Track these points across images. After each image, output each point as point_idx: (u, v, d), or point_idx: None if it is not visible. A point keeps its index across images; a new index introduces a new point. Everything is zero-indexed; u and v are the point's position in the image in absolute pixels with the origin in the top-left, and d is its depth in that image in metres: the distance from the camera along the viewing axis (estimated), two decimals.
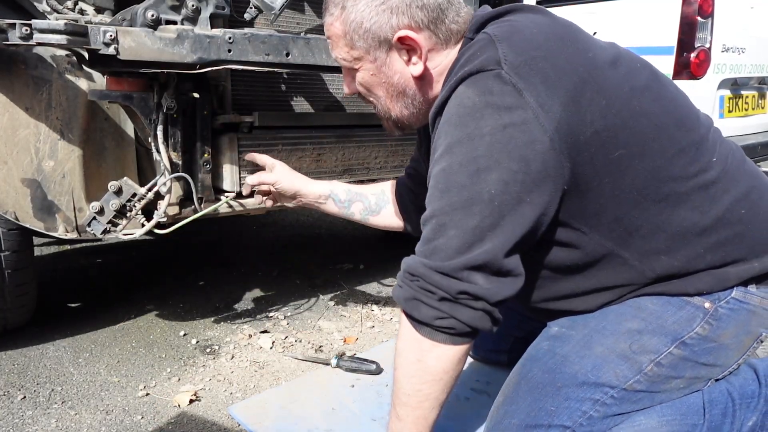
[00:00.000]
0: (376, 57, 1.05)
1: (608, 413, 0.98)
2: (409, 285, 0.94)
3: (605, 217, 0.99)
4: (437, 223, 0.93)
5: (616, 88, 0.96)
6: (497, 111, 0.90)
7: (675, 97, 1.05)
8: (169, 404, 1.53)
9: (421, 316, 0.94)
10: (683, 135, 1.00)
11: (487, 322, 0.94)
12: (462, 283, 0.90)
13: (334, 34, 1.07)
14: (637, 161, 0.97)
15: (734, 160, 1.06)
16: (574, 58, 0.95)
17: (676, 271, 1.02)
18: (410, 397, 0.97)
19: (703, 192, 1.00)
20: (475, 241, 0.90)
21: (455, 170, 0.92)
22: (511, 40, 0.94)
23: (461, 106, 0.93)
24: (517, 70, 0.90)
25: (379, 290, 2.42)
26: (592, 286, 1.07)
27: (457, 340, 0.94)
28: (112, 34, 1.30)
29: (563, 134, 0.91)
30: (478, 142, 0.90)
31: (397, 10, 1.00)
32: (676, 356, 1.00)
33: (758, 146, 3.22)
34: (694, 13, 2.87)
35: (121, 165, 1.67)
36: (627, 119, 0.96)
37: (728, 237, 1.01)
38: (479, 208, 0.90)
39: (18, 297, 1.78)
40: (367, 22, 1.01)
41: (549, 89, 0.90)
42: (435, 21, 1.02)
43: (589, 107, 0.93)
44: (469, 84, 0.93)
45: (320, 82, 1.91)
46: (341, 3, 1.04)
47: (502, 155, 0.89)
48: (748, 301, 1.03)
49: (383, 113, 1.16)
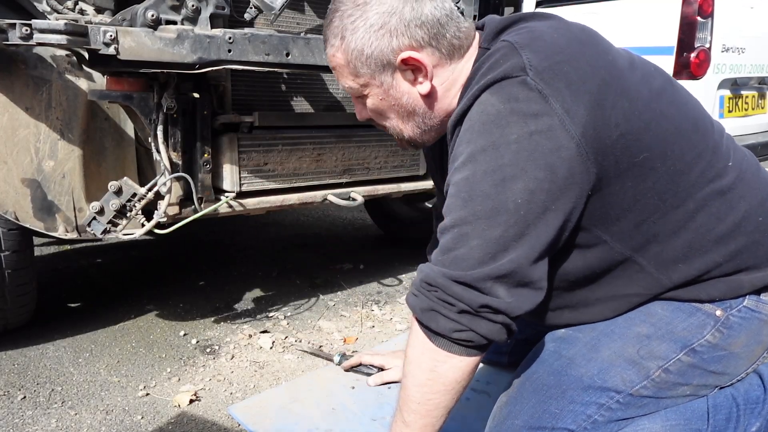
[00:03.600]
0: (382, 81, 1.04)
1: (613, 418, 0.98)
2: (426, 295, 0.92)
3: (625, 223, 0.98)
4: (459, 233, 0.90)
5: (636, 91, 0.95)
6: (523, 118, 0.88)
7: (688, 102, 1.04)
8: (169, 404, 1.53)
9: (438, 328, 0.91)
10: (699, 139, 1.00)
11: (504, 335, 0.92)
12: (484, 296, 0.88)
13: (337, 64, 1.06)
14: (659, 164, 0.96)
15: (749, 167, 1.05)
16: (595, 61, 0.93)
17: (693, 279, 1.01)
18: (420, 405, 0.96)
19: (720, 198, 0.99)
20: (498, 251, 0.88)
21: (479, 179, 0.89)
22: (533, 46, 0.92)
23: (485, 113, 0.91)
24: (542, 76, 0.89)
25: (379, 290, 2.42)
26: (606, 295, 1.05)
27: (472, 352, 0.92)
28: (112, 34, 1.30)
29: (590, 138, 0.90)
30: (504, 150, 0.88)
31: (396, 32, 0.99)
32: (685, 363, 0.99)
33: (758, 146, 3.21)
34: (694, 13, 2.86)
35: (121, 165, 1.67)
36: (649, 121, 0.95)
37: (745, 245, 1.00)
38: (504, 218, 0.88)
39: (18, 297, 1.78)
40: (368, 48, 1.00)
41: (573, 94, 0.89)
42: (436, 37, 1.00)
43: (613, 110, 0.91)
44: (493, 91, 0.91)
45: (320, 82, 1.91)
46: (340, 33, 1.02)
47: (528, 163, 0.87)
48: (761, 311, 1.01)
49: (397, 135, 1.15)
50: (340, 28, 1.02)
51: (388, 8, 0.98)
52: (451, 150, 1.00)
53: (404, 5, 0.98)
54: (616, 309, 1.06)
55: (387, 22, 0.98)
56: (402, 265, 2.71)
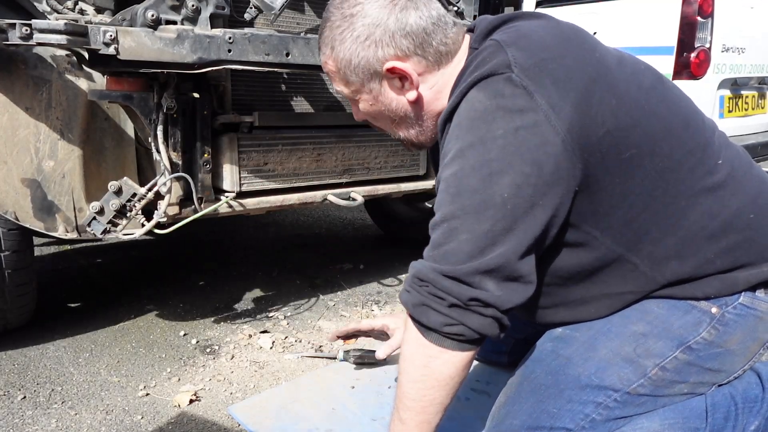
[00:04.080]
0: (371, 88, 1.07)
1: (611, 416, 0.98)
2: (418, 290, 0.93)
3: (615, 220, 0.99)
4: (448, 228, 0.92)
5: (624, 88, 0.96)
6: (509, 114, 0.89)
7: (679, 100, 1.04)
8: (169, 404, 1.53)
9: (429, 322, 0.92)
10: (690, 137, 1.00)
11: (496, 329, 0.93)
12: (473, 290, 0.89)
13: (329, 71, 1.10)
14: (648, 162, 0.96)
15: (741, 164, 1.05)
16: (582, 59, 0.95)
17: (686, 276, 1.01)
18: (415, 402, 0.97)
19: (711, 195, 0.99)
20: (487, 245, 0.89)
21: (467, 174, 0.91)
22: (519, 44, 0.94)
23: (472, 109, 0.93)
24: (527, 73, 0.90)
25: (379, 290, 2.42)
26: (601, 293, 1.06)
27: (464, 347, 0.93)
28: (112, 34, 1.30)
29: (575, 135, 0.90)
30: (491, 146, 0.90)
31: (381, 43, 1.01)
32: (681, 361, 1.00)
33: (758, 146, 3.22)
34: (694, 13, 2.87)
35: (121, 165, 1.67)
36: (638, 119, 0.95)
37: (738, 242, 1.00)
38: (492, 213, 0.89)
39: (18, 297, 1.78)
40: (355, 58, 1.03)
41: (560, 90, 0.90)
42: (422, 45, 1.02)
43: (600, 107, 0.92)
44: (479, 88, 0.93)
45: (320, 82, 1.91)
46: (330, 43, 1.05)
47: (514, 158, 0.89)
48: (756, 307, 1.02)
49: (394, 136, 1.18)
50: (330, 38, 1.05)
51: (373, 20, 1.00)
52: (442, 147, 1.02)
53: (389, 16, 1.00)
54: (611, 306, 1.07)
55: (372, 33, 1.01)
56: (402, 265, 2.71)
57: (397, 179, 2.12)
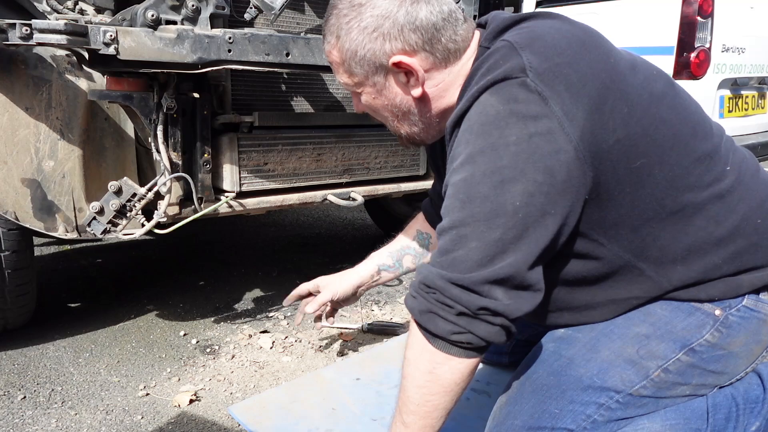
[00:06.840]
0: (375, 82, 1.05)
1: (612, 417, 0.98)
2: (425, 297, 0.92)
3: (623, 228, 0.98)
4: (457, 235, 0.90)
5: (636, 95, 0.94)
6: (522, 120, 0.88)
7: (689, 106, 1.03)
8: (169, 404, 1.53)
9: (437, 330, 0.91)
10: (698, 144, 0.99)
11: (503, 337, 0.92)
12: (482, 299, 0.87)
13: (333, 61, 1.08)
14: (657, 170, 0.95)
15: (748, 169, 1.04)
16: (596, 64, 0.93)
17: (692, 281, 1.01)
18: (419, 407, 0.96)
19: (718, 201, 0.99)
20: (497, 253, 0.87)
21: (478, 180, 0.89)
22: (533, 47, 0.92)
23: (484, 114, 0.90)
24: (542, 78, 0.88)
25: (379, 290, 2.41)
26: (607, 298, 1.05)
27: (471, 354, 0.92)
28: (112, 34, 1.30)
29: (587, 142, 0.89)
30: (503, 152, 0.88)
31: (389, 36, 0.99)
32: (684, 363, 0.99)
33: (758, 146, 3.22)
34: (694, 13, 2.87)
35: (121, 165, 1.67)
36: (647, 127, 0.94)
37: (744, 247, 1.00)
38: (503, 221, 0.87)
39: (18, 297, 1.78)
40: (361, 50, 1.01)
41: (573, 96, 0.89)
42: (431, 41, 1.00)
43: (612, 114, 0.91)
44: (493, 92, 0.91)
45: (320, 82, 1.91)
46: (335, 32, 1.03)
47: (527, 166, 0.87)
48: (759, 310, 1.01)
49: (394, 131, 1.16)
50: (336, 26, 1.02)
51: (382, 11, 0.98)
52: (450, 151, 1.00)
53: (399, 9, 0.98)
54: (616, 311, 1.06)
55: (381, 25, 0.98)
56: None
57: (397, 179, 2.12)
